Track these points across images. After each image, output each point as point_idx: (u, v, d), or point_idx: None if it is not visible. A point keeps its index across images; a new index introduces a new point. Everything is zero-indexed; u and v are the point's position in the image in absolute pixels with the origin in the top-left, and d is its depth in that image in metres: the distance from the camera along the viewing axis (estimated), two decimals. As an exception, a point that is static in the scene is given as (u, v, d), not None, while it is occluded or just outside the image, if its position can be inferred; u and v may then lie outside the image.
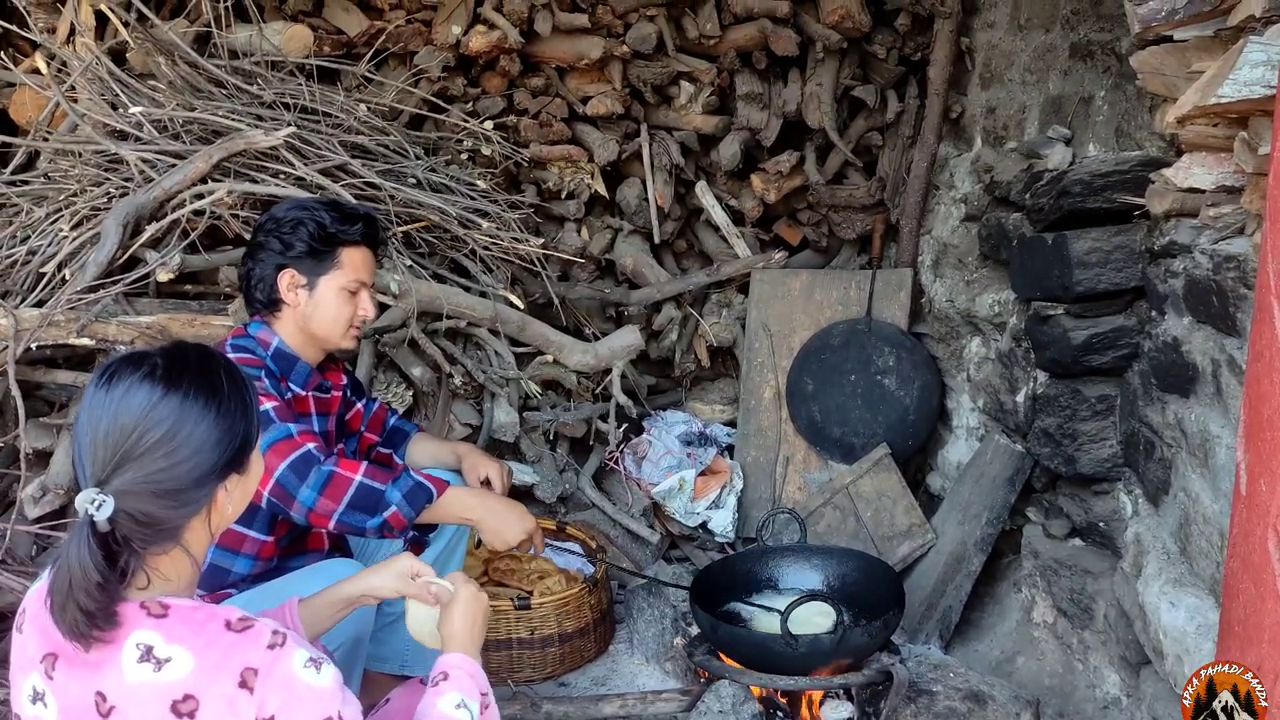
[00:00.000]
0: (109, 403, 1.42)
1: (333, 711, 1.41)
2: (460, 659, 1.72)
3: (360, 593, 1.87)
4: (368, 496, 2.20)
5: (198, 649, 1.38)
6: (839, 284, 3.99)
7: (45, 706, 1.43)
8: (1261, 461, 1.26)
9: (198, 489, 1.43)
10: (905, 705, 2.57)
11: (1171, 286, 2.42)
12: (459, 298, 3.40)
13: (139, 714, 1.36)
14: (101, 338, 2.91)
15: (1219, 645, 1.40)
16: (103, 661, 1.38)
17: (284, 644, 1.41)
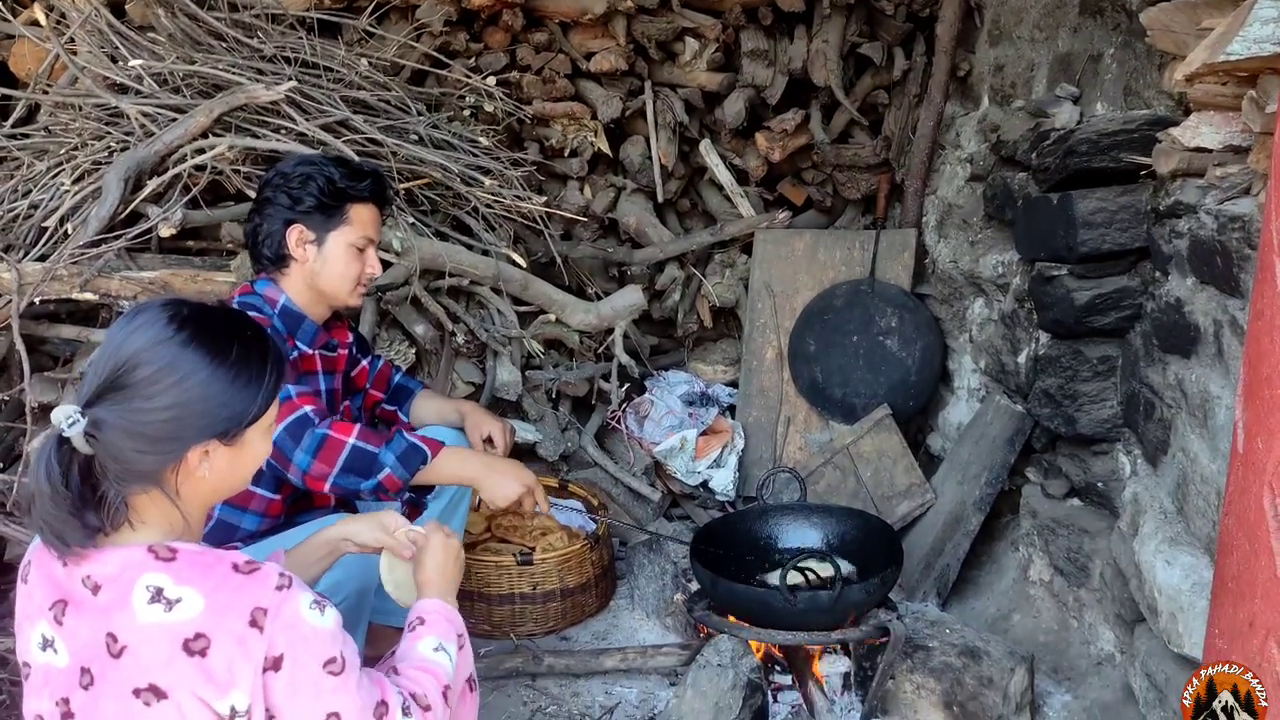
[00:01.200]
0: (123, 330, 1.45)
1: (335, 652, 1.44)
2: (435, 603, 1.74)
3: (340, 537, 1.88)
4: (361, 459, 2.20)
5: (207, 590, 1.40)
6: (842, 244, 3.98)
7: (56, 652, 1.46)
8: (1259, 419, 1.26)
9: (169, 441, 1.42)
10: (902, 660, 2.59)
11: (1176, 247, 2.41)
12: (461, 255, 3.40)
13: (151, 653, 1.38)
14: (104, 292, 2.91)
15: (1212, 601, 1.41)
16: (113, 605, 1.40)
17: (291, 585, 1.44)
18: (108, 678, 1.41)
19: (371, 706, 1.47)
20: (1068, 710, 2.64)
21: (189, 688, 1.38)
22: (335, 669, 1.44)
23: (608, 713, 2.72)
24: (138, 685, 1.39)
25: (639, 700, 2.78)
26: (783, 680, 2.71)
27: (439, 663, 1.65)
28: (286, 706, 1.41)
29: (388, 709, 1.50)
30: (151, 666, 1.39)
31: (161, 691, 1.39)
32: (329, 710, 1.43)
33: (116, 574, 1.41)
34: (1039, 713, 2.64)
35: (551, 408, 3.76)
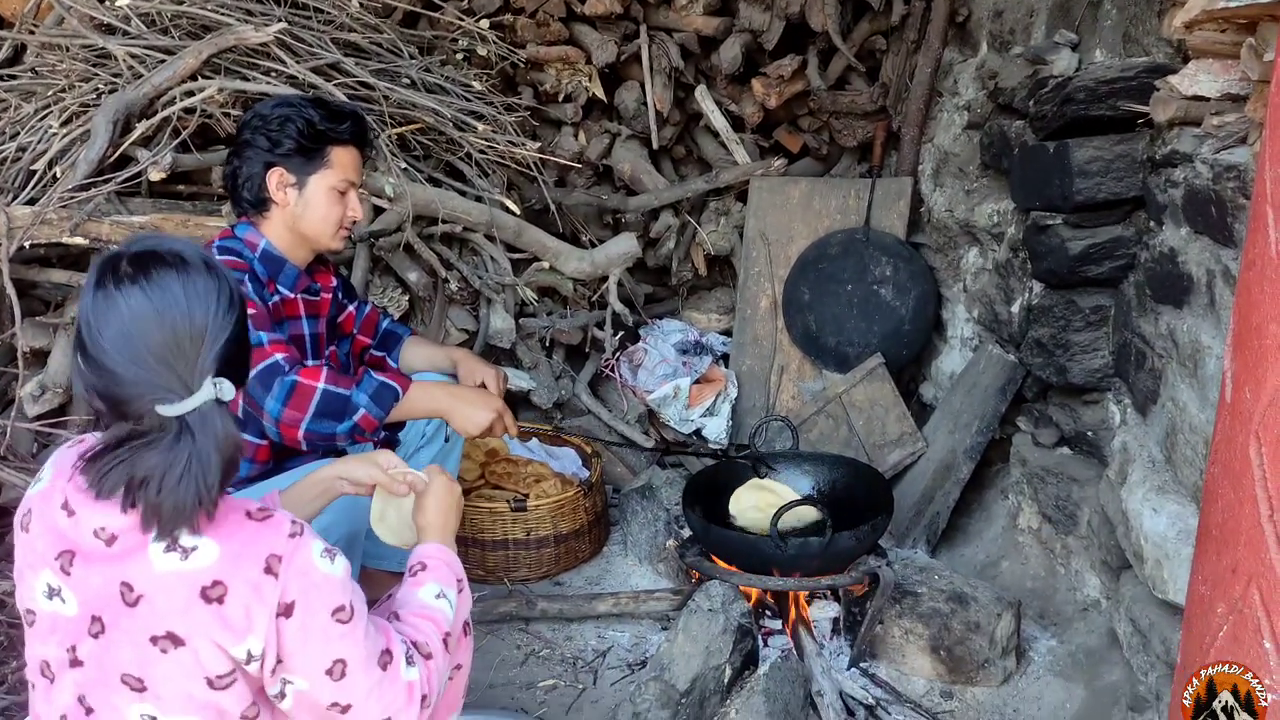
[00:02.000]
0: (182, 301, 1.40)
1: (345, 600, 1.45)
2: (436, 548, 1.75)
3: (335, 476, 1.88)
4: (334, 403, 2.18)
5: (221, 537, 1.41)
6: (838, 192, 3.96)
7: (64, 601, 1.46)
8: (1248, 369, 1.27)
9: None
10: (890, 606, 2.63)
11: (1171, 196, 2.40)
12: (455, 202, 3.38)
13: (169, 601, 1.39)
14: (95, 237, 2.89)
15: (1196, 549, 1.42)
16: (127, 554, 1.40)
17: (303, 533, 1.45)
18: (121, 625, 1.41)
19: (376, 655, 1.48)
20: (1053, 654, 2.68)
21: (206, 634, 1.39)
22: (344, 617, 1.44)
23: (600, 656, 2.75)
24: (155, 633, 1.40)
25: (631, 644, 2.81)
26: (773, 625, 2.75)
27: (440, 609, 1.66)
28: (296, 652, 1.42)
29: (392, 658, 1.51)
30: (169, 614, 1.39)
31: (179, 639, 1.39)
32: (336, 657, 1.44)
33: (131, 524, 1.41)
34: (1025, 657, 2.68)
35: (545, 356, 3.76)
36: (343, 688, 1.46)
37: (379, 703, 1.49)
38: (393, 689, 1.50)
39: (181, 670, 1.41)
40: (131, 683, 1.43)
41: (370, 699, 1.48)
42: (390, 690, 1.50)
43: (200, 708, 1.43)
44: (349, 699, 1.47)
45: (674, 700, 2.31)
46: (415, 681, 1.52)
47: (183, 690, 1.42)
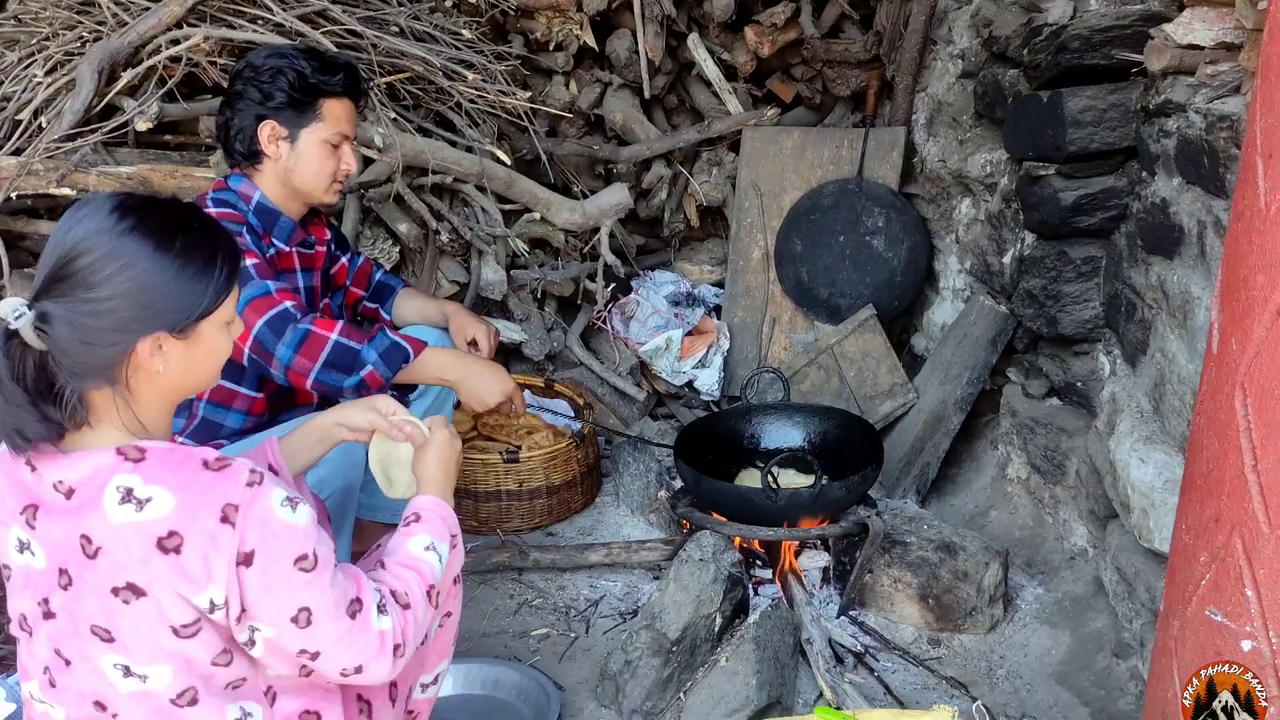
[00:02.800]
0: (69, 221, 1.42)
1: (308, 549, 1.44)
2: (433, 501, 1.73)
3: (334, 422, 1.85)
4: (344, 355, 2.18)
5: (176, 487, 1.40)
6: (831, 143, 3.94)
7: (33, 554, 1.47)
8: (1234, 320, 1.27)
9: (114, 332, 1.39)
10: (880, 555, 2.65)
11: (1164, 147, 2.39)
12: (445, 152, 3.35)
13: (126, 553, 1.39)
14: (82, 188, 2.87)
15: (1180, 498, 1.44)
16: (84, 506, 1.40)
17: (262, 482, 1.43)
18: (85, 578, 1.42)
19: (345, 603, 1.48)
20: (1040, 602, 2.72)
21: (167, 584, 1.39)
22: (307, 565, 1.44)
23: (593, 605, 2.78)
24: (115, 584, 1.40)
25: (623, 593, 2.84)
26: (763, 574, 2.78)
27: (427, 561, 1.64)
28: (259, 601, 1.42)
29: (362, 606, 1.50)
30: (128, 565, 1.39)
31: (140, 589, 1.40)
32: (300, 605, 1.44)
33: (89, 477, 1.41)
34: (1012, 604, 2.71)
35: (537, 307, 3.76)
36: (310, 635, 1.46)
37: (349, 651, 1.49)
38: (362, 637, 1.49)
39: (146, 620, 1.42)
40: (100, 634, 1.44)
41: (339, 647, 1.48)
42: (360, 639, 1.49)
43: (169, 656, 1.44)
44: (317, 647, 1.47)
45: (665, 648, 2.33)
46: (387, 631, 1.51)
47: (149, 639, 1.43)
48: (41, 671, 1.52)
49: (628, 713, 2.33)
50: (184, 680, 1.46)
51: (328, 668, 1.50)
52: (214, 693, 1.49)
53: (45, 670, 1.52)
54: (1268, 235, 1.21)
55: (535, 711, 2.32)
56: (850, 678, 2.39)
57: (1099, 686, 2.39)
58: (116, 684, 1.46)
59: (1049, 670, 2.50)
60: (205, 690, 1.48)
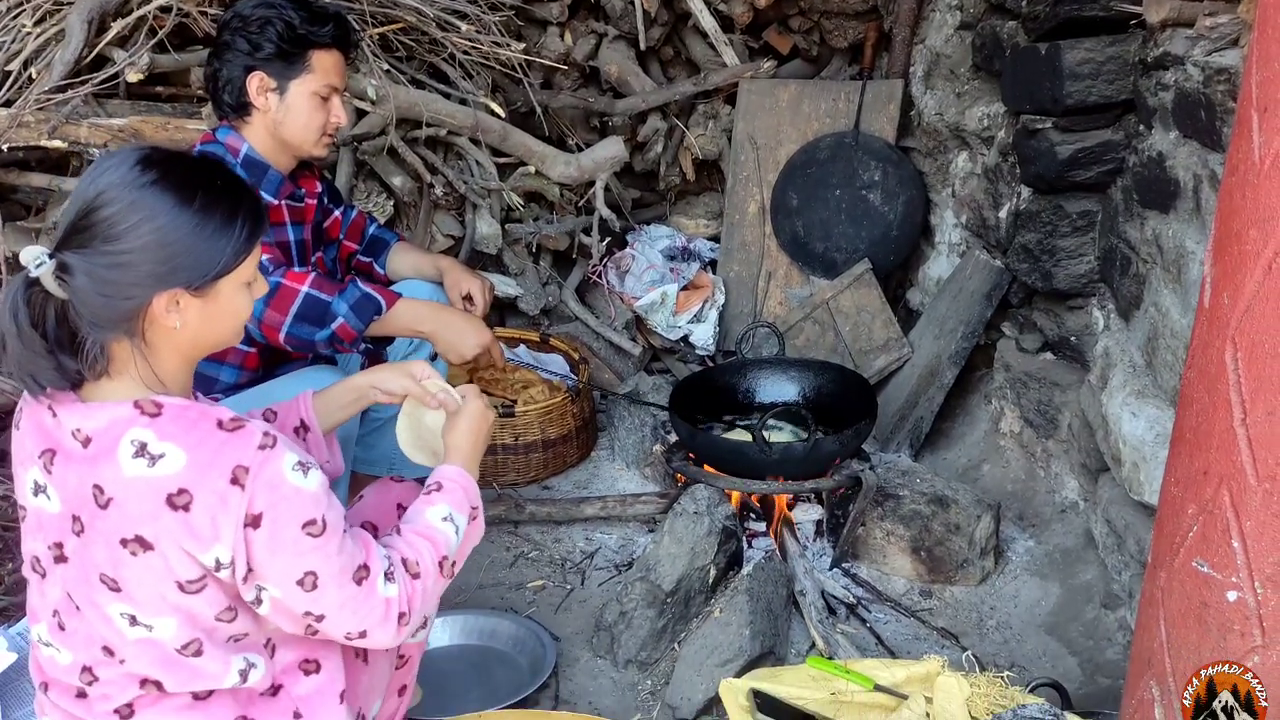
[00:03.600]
0: (93, 173, 1.42)
1: (317, 515, 1.46)
2: (457, 471, 1.72)
3: (369, 384, 1.85)
4: (314, 308, 2.16)
5: (189, 446, 1.41)
6: (828, 95, 3.91)
7: (48, 498, 1.49)
8: (1227, 275, 1.28)
9: (131, 286, 1.39)
10: (873, 508, 2.68)
11: (1161, 100, 2.39)
12: (439, 104, 3.33)
13: (136, 506, 1.41)
14: (74, 140, 2.85)
15: (1170, 451, 1.45)
16: (99, 456, 1.42)
17: (274, 446, 1.44)
18: (96, 526, 1.44)
19: (351, 569, 1.49)
20: (1030, 554, 2.75)
21: (174, 540, 1.41)
22: (315, 530, 1.45)
23: (588, 557, 2.81)
24: (124, 536, 1.42)
25: (618, 546, 2.87)
26: (757, 527, 2.80)
27: (443, 532, 1.64)
28: (266, 563, 1.44)
29: (369, 573, 1.51)
30: (137, 519, 1.41)
31: (147, 543, 1.41)
32: (306, 569, 1.45)
33: (105, 428, 1.42)
34: (1003, 557, 2.74)
35: (532, 262, 3.75)
36: (315, 599, 1.48)
37: (353, 616, 1.50)
38: (367, 604, 1.51)
39: (152, 573, 1.43)
40: (108, 583, 1.46)
41: (344, 612, 1.50)
42: (365, 605, 1.51)
43: (173, 609, 1.46)
44: (322, 610, 1.49)
45: (660, 600, 2.36)
46: (393, 598, 1.52)
47: (155, 592, 1.45)
48: (51, 615, 1.55)
49: (623, 663, 2.36)
50: (189, 633, 1.48)
51: (332, 630, 1.52)
52: (218, 645, 1.51)
53: (55, 614, 1.54)
54: (1261, 189, 1.21)
55: (531, 661, 2.35)
56: (842, 628, 2.43)
57: (1087, 637, 2.43)
58: (124, 631, 1.48)
59: (1038, 621, 2.53)
60: (209, 642, 1.50)
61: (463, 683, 2.31)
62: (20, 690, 2.13)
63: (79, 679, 1.54)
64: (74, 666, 1.54)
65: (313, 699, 1.62)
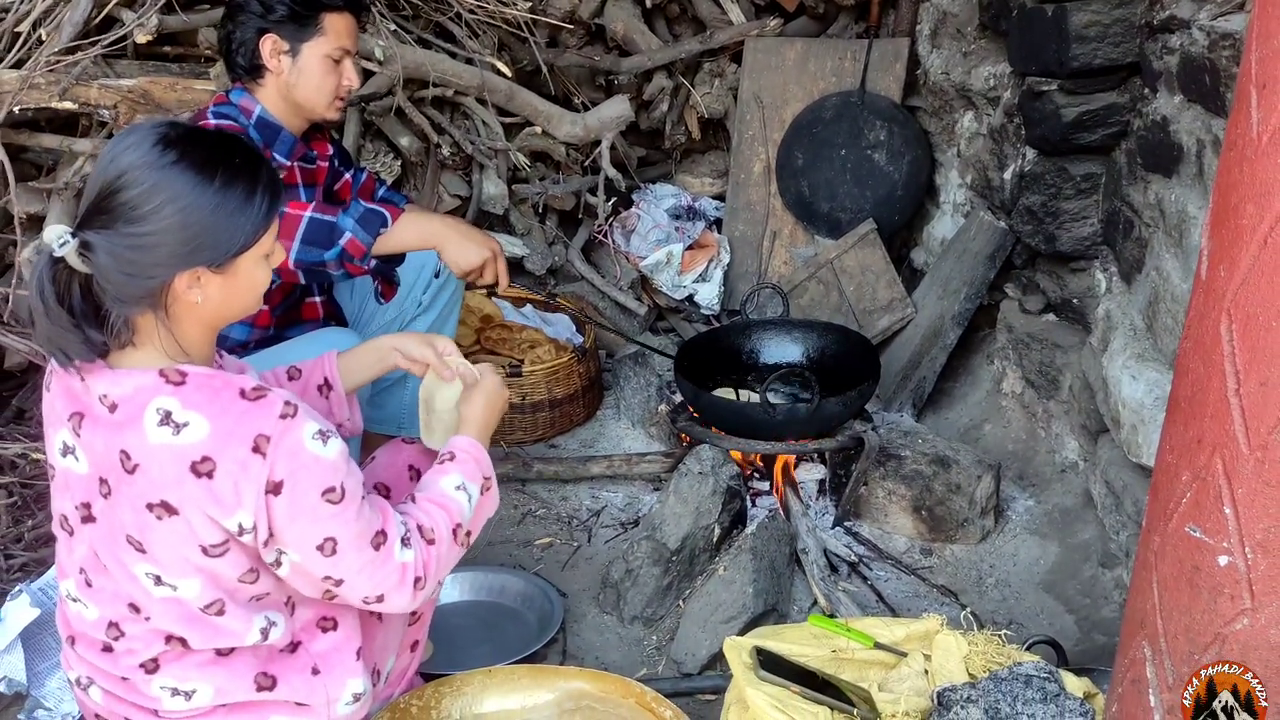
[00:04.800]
0: (112, 151, 1.45)
1: (336, 482, 1.50)
2: (469, 442, 1.77)
3: (391, 346, 1.90)
4: (320, 229, 2.17)
5: (213, 415, 1.45)
6: (834, 54, 3.90)
7: (77, 459, 1.54)
8: (1223, 248, 1.30)
9: (153, 266, 1.43)
10: (875, 468, 2.72)
11: (1166, 64, 2.39)
12: (445, 64, 3.33)
13: (161, 472, 1.46)
14: (84, 101, 2.86)
15: (1165, 419, 1.48)
16: (126, 423, 1.46)
17: (295, 415, 1.48)
18: (123, 490, 1.49)
19: (370, 535, 1.54)
20: (1030, 514, 2.79)
21: (197, 506, 1.46)
22: (334, 498, 1.50)
23: (594, 515, 2.86)
24: (150, 500, 1.47)
25: (624, 504, 2.92)
26: (761, 486, 2.85)
27: (456, 500, 1.69)
28: (286, 528, 1.49)
29: (386, 539, 1.56)
30: (162, 484, 1.46)
31: (172, 508, 1.46)
32: (326, 535, 1.50)
33: (131, 395, 1.46)
34: (1003, 516, 2.79)
35: (538, 222, 3.77)
36: (334, 564, 1.53)
37: (370, 580, 1.56)
38: (384, 568, 1.56)
39: (176, 537, 1.48)
40: (134, 544, 1.51)
41: (361, 576, 1.55)
42: (382, 570, 1.56)
43: (197, 570, 1.51)
44: (340, 574, 1.54)
45: (665, 558, 2.41)
46: (409, 563, 1.57)
47: (179, 555, 1.50)
48: (78, 572, 1.60)
49: (629, 619, 2.42)
50: (212, 593, 1.54)
51: (350, 594, 1.58)
52: (240, 604, 1.57)
53: (81, 571, 1.59)
54: (1258, 165, 1.23)
55: (540, 618, 2.41)
56: (844, 586, 2.48)
57: (1084, 595, 2.48)
58: (149, 590, 1.53)
59: (1037, 579, 2.58)
60: (231, 602, 1.56)
61: (473, 638, 2.37)
62: (43, 644, 2.19)
63: (105, 634, 1.59)
64: (100, 622, 1.59)
65: (330, 655, 1.68)
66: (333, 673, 1.67)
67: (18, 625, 2.13)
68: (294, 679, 1.64)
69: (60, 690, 2.15)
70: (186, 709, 1.60)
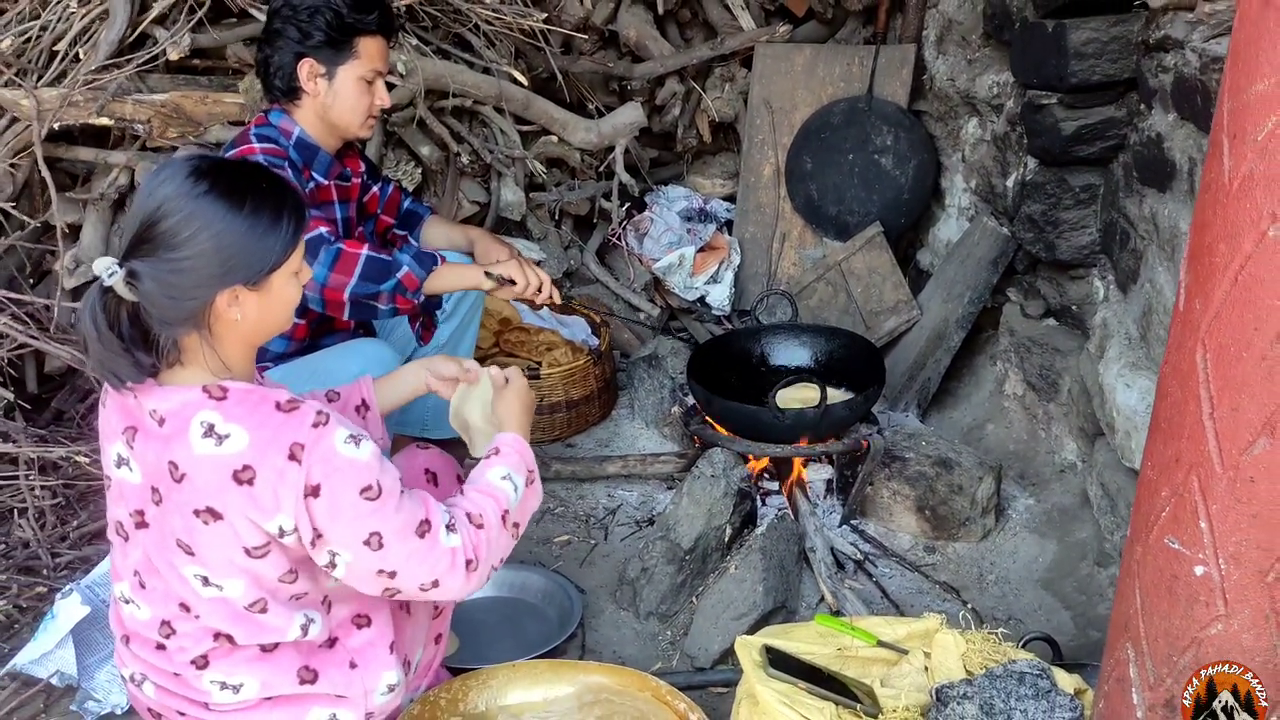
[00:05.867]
0: (149, 186, 1.57)
1: (371, 480, 1.62)
2: (513, 438, 1.89)
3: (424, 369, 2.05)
4: (377, 266, 2.34)
5: (252, 427, 1.58)
6: (842, 60, 3.99)
7: (130, 470, 1.66)
8: (1198, 283, 1.40)
9: (195, 288, 1.55)
10: (880, 469, 2.83)
11: (1161, 82, 2.48)
12: (465, 75, 3.44)
13: (206, 481, 1.58)
14: (119, 117, 2.98)
15: (1148, 437, 1.58)
16: (173, 436, 1.59)
17: (327, 423, 1.60)
18: (172, 498, 1.61)
19: (413, 525, 1.65)
20: (1030, 512, 2.90)
21: (240, 511, 1.58)
22: (371, 495, 1.61)
23: (610, 514, 2.97)
24: (197, 507, 1.59)
25: (639, 502, 3.03)
26: (770, 486, 2.96)
27: (503, 489, 1.80)
28: (329, 527, 1.61)
29: (430, 526, 1.67)
30: (207, 492, 1.58)
31: (217, 513, 1.59)
32: (370, 530, 1.62)
33: (177, 410, 1.59)
34: (1004, 514, 2.89)
35: (554, 226, 3.87)
36: (384, 556, 1.64)
37: (422, 566, 1.66)
38: (433, 554, 1.66)
39: (222, 540, 1.61)
40: (184, 547, 1.63)
41: (412, 563, 1.65)
42: (431, 555, 1.66)
43: (241, 571, 1.64)
44: (393, 566, 1.65)
45: (679, 557, 2.53)
46: (457, 548, 1.68)
47: (224, 557, 1.62)
48: (132, 574, 1.73)
49: (644, 615, 2.54)
50: (255, 592, 1.66)
51: (407, 584, 1.68)
52: (281, 603, 1.69)
53: (135, 573, 1.72)
54: (1229, 209, 1.34)
55: (560, 613, 2.52)
56: (850, 583, 2.59)
57: (1080, 592, 2.59)
58: (198, 590, 1.66)
59: (1035, 576, 2.69)
60: (273, 601, 1.68)
61: (496, 633, 2.49)
62: (92, 639, 2.31)
63: (158, 632, 1.72)
64: (153, 621, 1.72)
65: (365, 650, 1.80)
66: (369, 666, 1.79)
67: (69, 622, 2.26)
68: (333, 673, 1.76)
69: (109, 683, 2.28)
70: (235, 701, 1.72)
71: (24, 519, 2.66)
